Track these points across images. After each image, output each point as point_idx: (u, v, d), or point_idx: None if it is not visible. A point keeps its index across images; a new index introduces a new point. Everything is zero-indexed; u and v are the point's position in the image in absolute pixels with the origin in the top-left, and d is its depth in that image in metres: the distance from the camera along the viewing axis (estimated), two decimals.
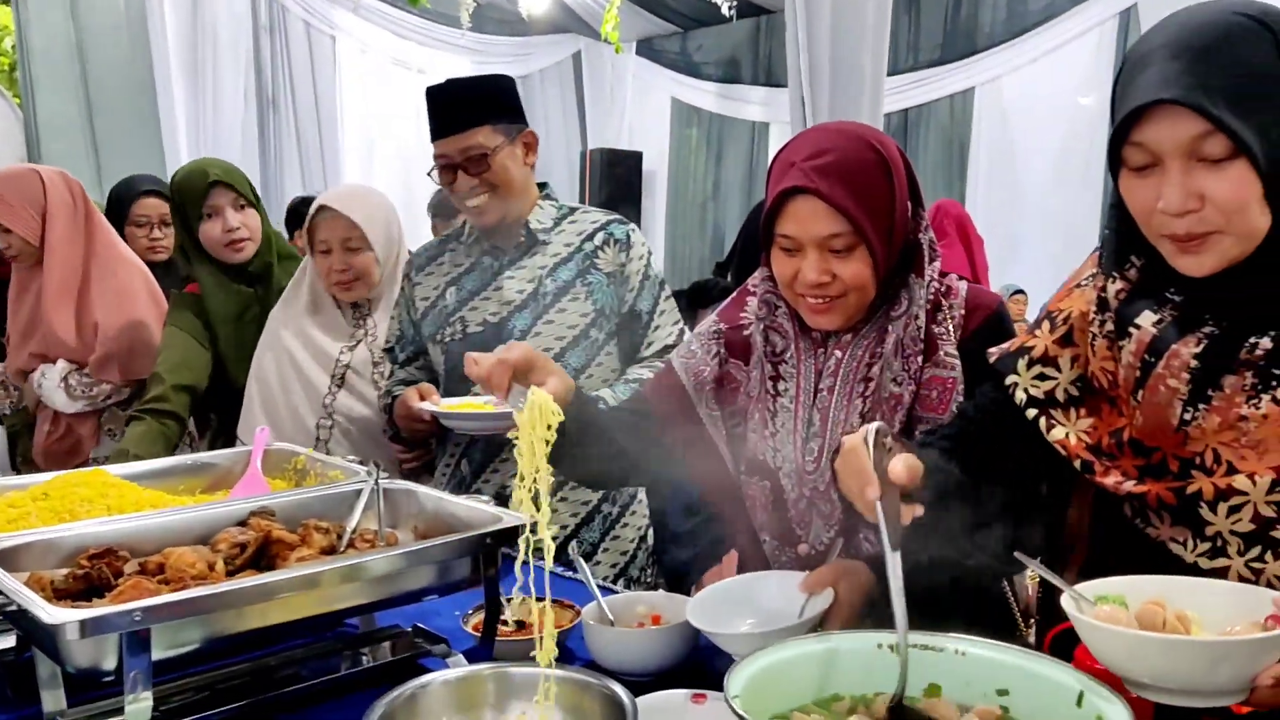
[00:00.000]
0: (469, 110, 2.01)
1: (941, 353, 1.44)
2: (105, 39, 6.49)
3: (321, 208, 2.32)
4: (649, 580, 2.19)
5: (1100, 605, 1.05)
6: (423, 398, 1.99)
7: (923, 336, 1.44)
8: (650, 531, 2.25)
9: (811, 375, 1.50)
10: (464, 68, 8.37)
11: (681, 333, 2.15)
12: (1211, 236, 1.05)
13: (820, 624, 1.30)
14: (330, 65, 7.67)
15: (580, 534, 1.92)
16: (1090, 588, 1.06)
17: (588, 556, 1.97)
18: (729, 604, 1.42)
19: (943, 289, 1.48)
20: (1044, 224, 6.47)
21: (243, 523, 1.49)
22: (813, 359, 1.51)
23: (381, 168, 8.17)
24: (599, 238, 2.11)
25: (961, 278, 1.51)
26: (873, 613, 1.32)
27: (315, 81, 7.55)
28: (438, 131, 2.03)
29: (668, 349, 2.11)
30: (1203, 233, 1.05)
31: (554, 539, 1.88)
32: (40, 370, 2.55)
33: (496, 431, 1.89)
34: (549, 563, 1.20)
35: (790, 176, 1.37)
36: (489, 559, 1.41)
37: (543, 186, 2.17)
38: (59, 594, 1.25)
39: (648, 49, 8.97)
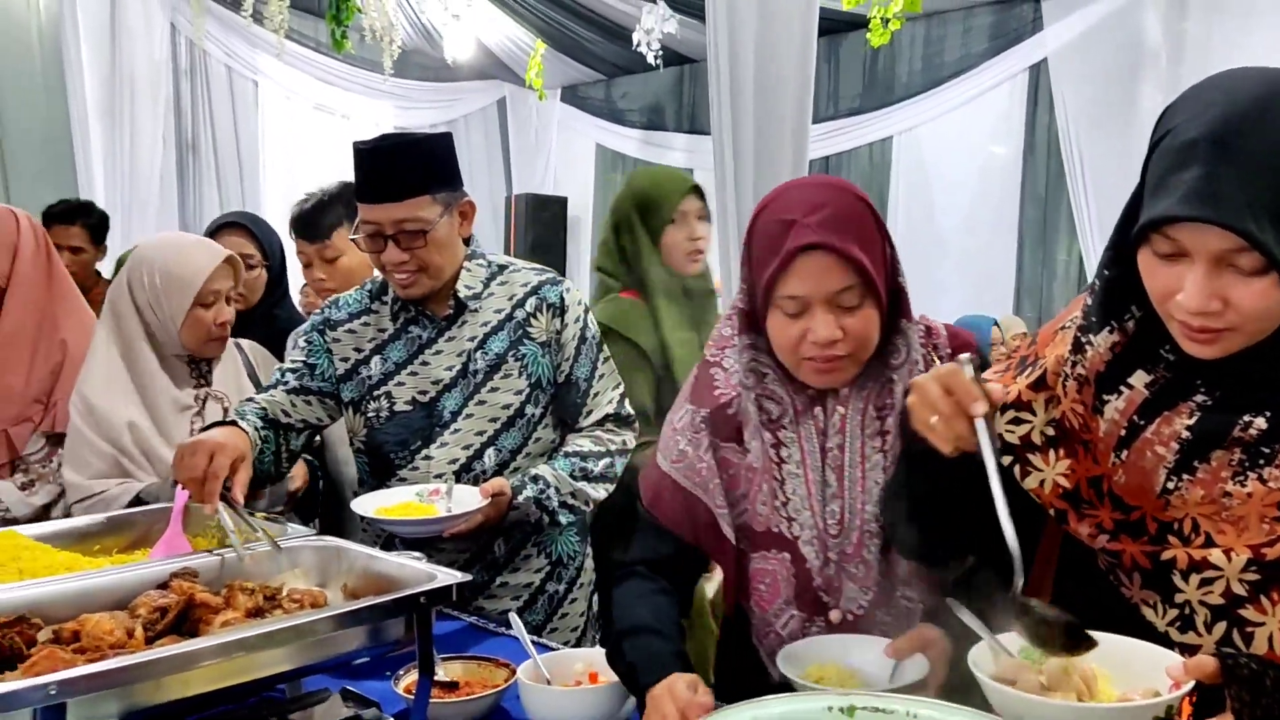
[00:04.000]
0: (407, 177, 1.83)
1: None
2: (19, 80, 6.33)
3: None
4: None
5: (1021, 658, 1.07)
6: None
7: None
8: (596, 598, 2.15)
9: (815, 437, 1.44)
10: (388, 113, 8.36)
11: (623, 398, 2.05)
12: (1225, 333, 1.03)
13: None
14: (252, 110, 7.59)
15: (524, 617, 1.73)
16: (1017, 638, 1.08)
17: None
18: (814, 661, 1.35)
19: (922, 330, 1.46)
20: (960, 267, 6.65)
21: (164, 585, 1.44)
22: (812, 420, 1.44)
23: None
24: (530, 304, 1.97)
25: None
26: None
27: (236, 125, 7.46)
28: (369, 195, 1.85)
29: (609, 417, 2.02)
30: (1218, 329, 1.02)
31: (496, 624, 1.86)
32: None
33: (441, 534, 1.80)
34: None
35: (799, 234, 1.32)
36: (423, 619, 1.38)
37: (467, 242, 2.01)
38: None
39: (572, 96, 9.05)
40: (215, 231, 2.63)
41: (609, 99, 8.91)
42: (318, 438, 2.18)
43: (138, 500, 2.04)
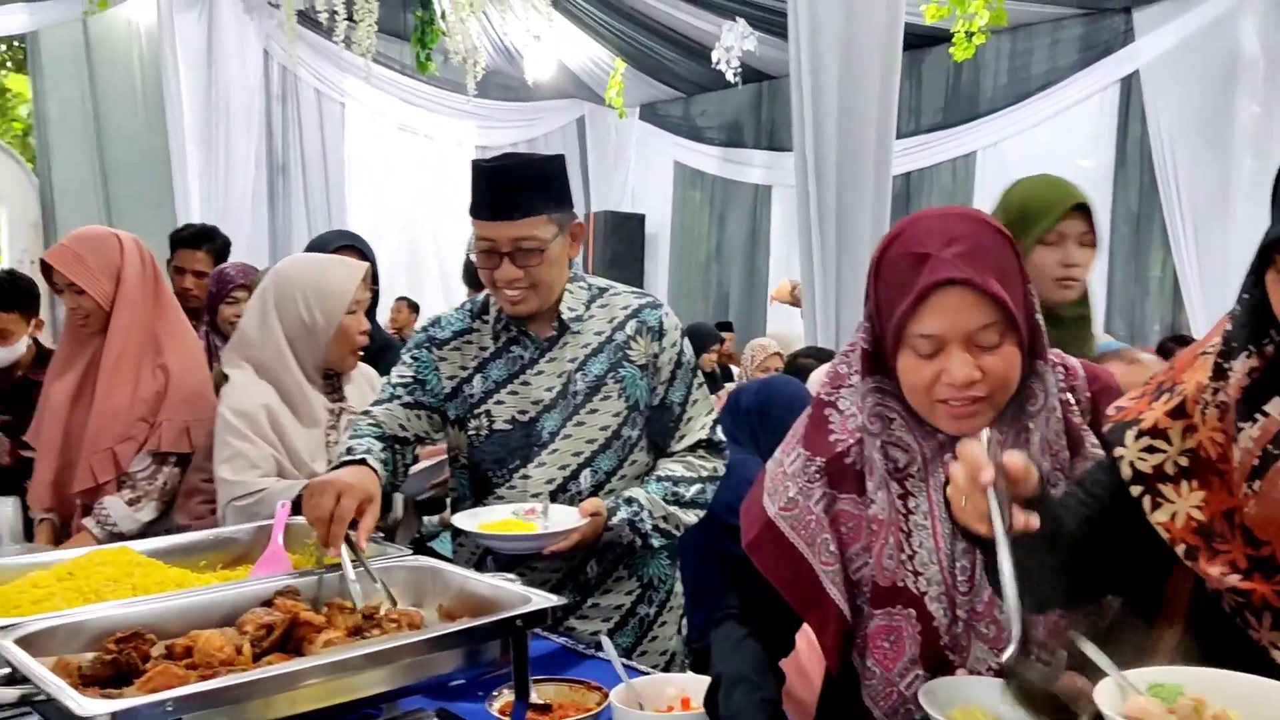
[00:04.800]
0: (526, 196, 1.85)
1: (1088, 445, 1.32)
2: (121, 106, 6.62)
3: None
4: None
5: (1150, 694, 1.03)
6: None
7: (1064, 429, 1.33)
8: (686, 622, 2.14)
9: (944, 488, 1.29)
10: (469, 133, 8.52)
11: (715, 424, 2.05)
12: None
13: None
14: (339, 131, 7.81)
15: (615, 639, 1.72)
16: (1146, 675, 1.04)
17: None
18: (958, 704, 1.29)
19: (1060, 370, 1.36)
20: None
21: (268, 603, 1.48)
22: (942, 469, 1.33)
23: (387, 229, 8.26)
24: (631, 326, 1.98)
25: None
26: None
27: (324, 147, 7.68)
28: (488, 213, 1.87)
29: (701, 443, 2.01)
30: None
31: (587, 646, 1.86)
32: (100, 508, 2.46)
33: (539, 550, 1.81)
34: None
35: (936, 268, 1.23)
36: (519, 641, 1.39)
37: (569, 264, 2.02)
38: (86, 680, 1.23)
39: (650, 113, 9.11)
40: (334, 251, 2.65)
41: (687, 116, 8.95)
42: None
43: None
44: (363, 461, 1.74)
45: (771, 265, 8.47)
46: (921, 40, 6.48)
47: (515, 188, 1.85)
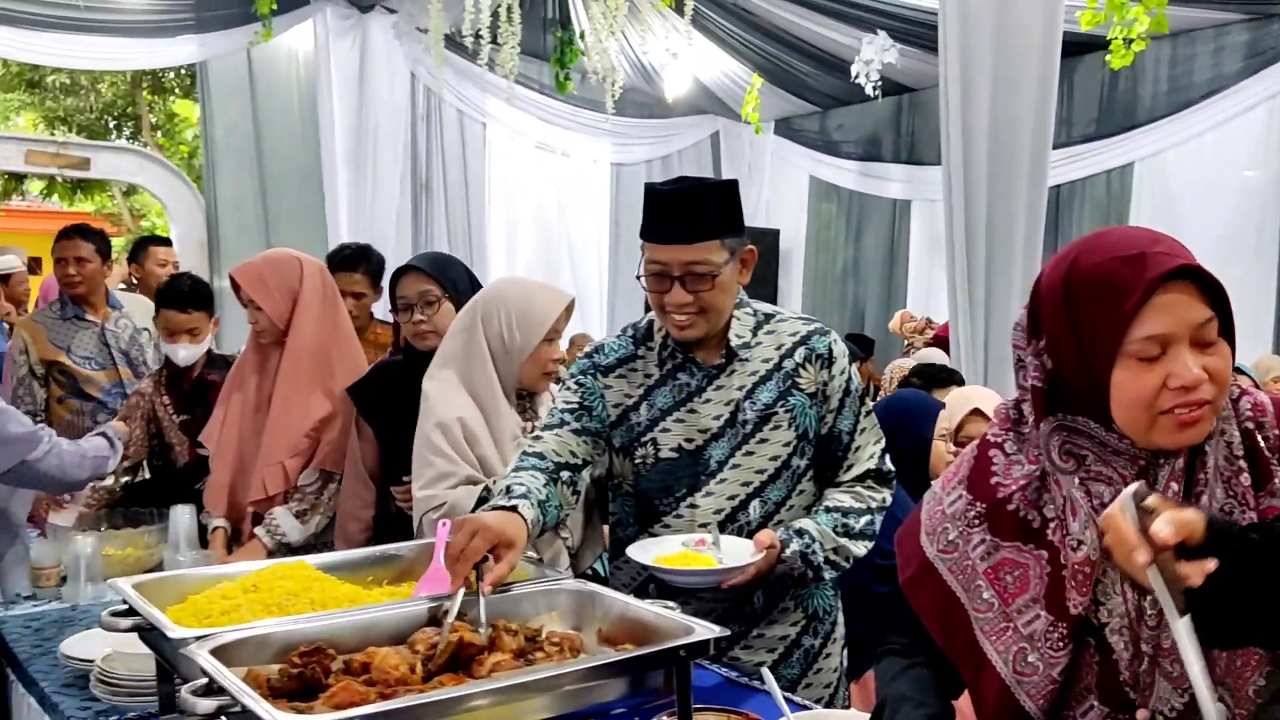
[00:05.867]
0: (700, 221, 1.84)
1: (1276, 479, 1.25)
2: (280, 129, 6.95)
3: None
4: None
5: None
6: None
7: (1241, 455, 1.26)
8: (846, 653, 2.11)
9: None
10: (605, 150, 8.63)
11: (884, 454, 2.01)
12: None
13: None
14: (480, 150, 8.00)
15: (779, 670, 1.71)
16: None
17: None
18: None
19: (1245, 399, 1.30)
20: None
21: (435, 621, 1.52)
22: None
23: (523, 246, 8.44)
24: (799, 354, 1.95)
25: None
26: None
27: (465, 166, 7.88)
28: (661, 236, 1.86)
29: (869, 473, 1.97)
30: None
31: (749, 676, 1.85)
32: (271, 518, 2.58)
33: (718, 585, 1.79)
34: None
35: (1159, 262, 1.18)
36: (682, 672, 1.38)
37: None
38: (274, 692, 1.29)
39: (786, 128, 9.04)
40: (398, 276, 2.61)
41: (823, 130, 8.85)
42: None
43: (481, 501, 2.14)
44: (514, 508, 1.71)
45: (910, 281, 8.28)
46: (1074, 48, 6.24)
47: (690, 212, 1.85)
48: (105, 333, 3.78)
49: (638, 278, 1.92)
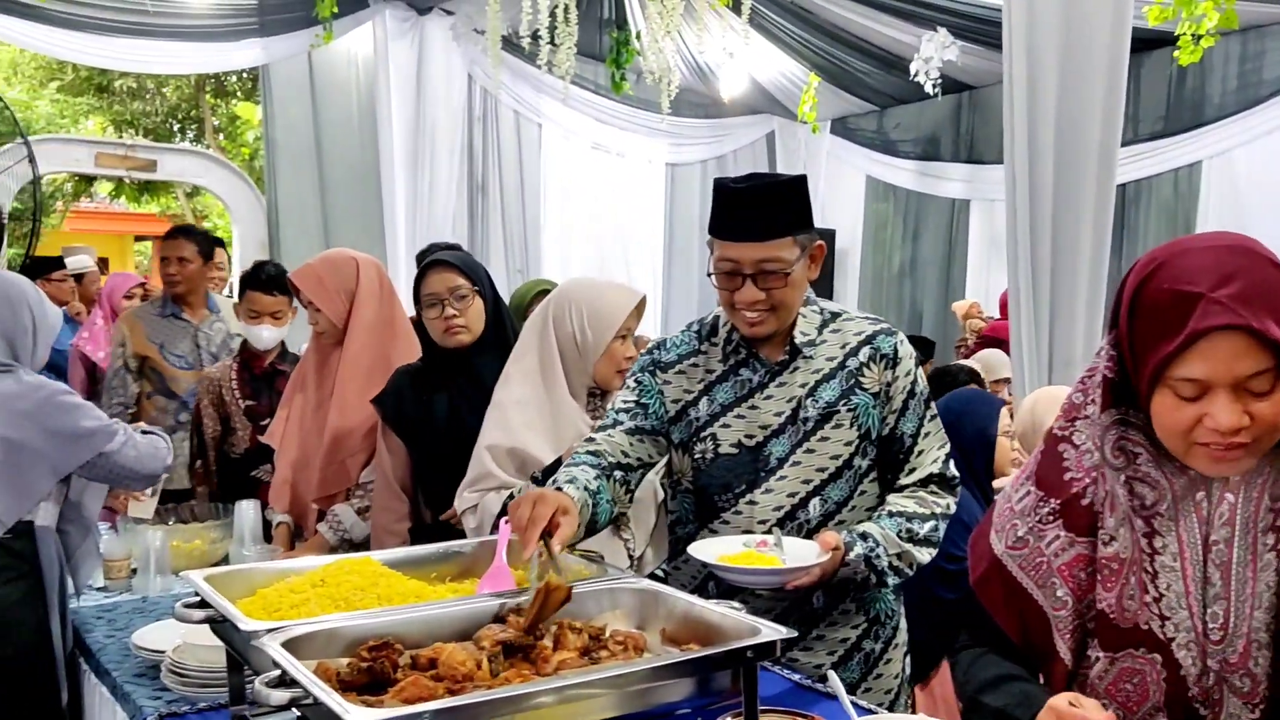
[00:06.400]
0: (775, 218, 1.83)
1: None
2: (340, 133, 7.04)
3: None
4: None
5: None
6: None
7: None
8: (909, 660, 2.08)
9: (1196, 527, 1.27)
10: (660, 150, 8.62)
11: (948, 458, 1.98)
12: None
13: None
14: (535, 151, 8.04)
15: (837, 674, 1.64)
16: None
17: None
18: None
19: None
20: None
21: (500, 618, 1.52)
22: (1193, 508, 1.27)
23: (578, 246, 8.46)
24: (864, 353, 1.93)
25: None
26: None
27: (521, 167, 7.92)
28: (733, 233, 1.85)
29: (933, 477, 1.95)
30: None
31: (809, 678, 1.83)
32: (333, 515, 2.63)
33: (782, 585, 1.77)
34: None
35: (1210, 314, 1.15)
36: (749, 673, 1.37)
37: None
38: (344, 685, 1.29)
39: (842, 127, 8.97)
40: (424, 272, 2.58)
41: (881, 130, 8.76)
42: None
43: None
44: (560, 489, 1.78)
45: (969, 282, 8.17)
46: (1141, 44, 6.11)
47: (762, 209, 1.83)
48: (199, 334, 3.84)
49: (709, 275, 1.90)
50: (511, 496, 2.17)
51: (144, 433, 2.57)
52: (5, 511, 2.33)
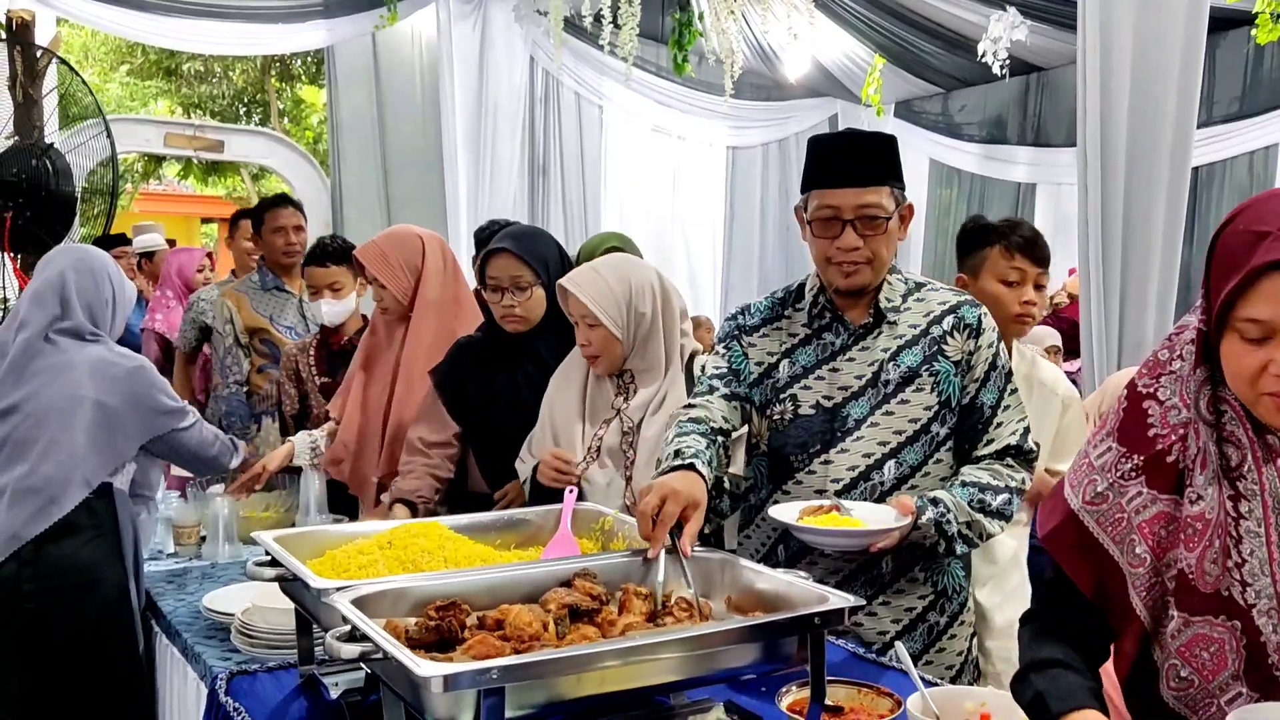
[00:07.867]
0: (874, 166, 1.87)
1: None
2: (403, 115, 7.10)
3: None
4: None
5: None
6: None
7: None
8: (975, 642, 2.07)
9: None
10: (721, 133, 8.57)
11: (1027, 431, 1.95)
12: None
13: None
14: (596, 133, 8.04)
15: (901, 643, 1.61)
16: None
17: None
18: None
19: None
20: None
21: (567, 583, 1.53)
22: (1275, 469, 1.25)
23: (638, 229, 8.44)
24: (948, 321, 1.93)
25: None
26: None
27: (582, 148, 7.93)
28: (834, 180, 1.86)
29: (1010, 449, 1.93)
30: None
31: (873, 645, 1.81)
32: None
33: (865, 547, 1.77)
34: None
35: (1271, 248, 1.15)
36: (816, 640, 1.36)
37: None
38: (412, 643, 1.31)
39: (906, 110, 8.83)
40: (489, 256, 2.53)
41: (945, 112, 8.61)
42: None
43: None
44: (691, 466, 1.73)
45: None
46: (1218, 23, 5.92)
47: (860, 157, 1.87)
48: (303, 304, 3.81)
49: (808, 222, 1.91)
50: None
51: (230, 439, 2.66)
52: (93, 471, 2.40)
